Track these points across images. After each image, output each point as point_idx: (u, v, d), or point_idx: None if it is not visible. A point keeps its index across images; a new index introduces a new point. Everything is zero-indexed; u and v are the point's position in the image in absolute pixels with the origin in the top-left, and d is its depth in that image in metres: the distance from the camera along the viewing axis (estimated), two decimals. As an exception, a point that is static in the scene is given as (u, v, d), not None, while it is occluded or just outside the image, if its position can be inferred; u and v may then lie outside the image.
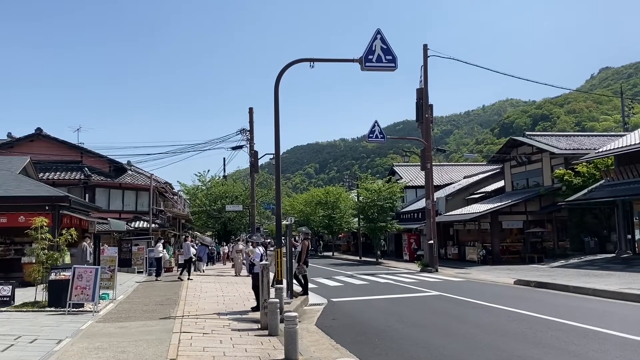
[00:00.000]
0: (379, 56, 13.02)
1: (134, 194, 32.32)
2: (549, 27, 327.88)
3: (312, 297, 14.50)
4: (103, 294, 13.16)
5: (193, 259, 21.70)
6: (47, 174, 28.36)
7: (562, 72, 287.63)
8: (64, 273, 11.87)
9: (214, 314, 11.15)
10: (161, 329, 9.17)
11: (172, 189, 42.30)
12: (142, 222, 30.67)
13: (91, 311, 11.09)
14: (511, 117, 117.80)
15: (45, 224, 12.75)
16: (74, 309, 11.23)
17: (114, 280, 14.20)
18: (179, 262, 23.83)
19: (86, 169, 29.82)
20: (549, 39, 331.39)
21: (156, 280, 20.15)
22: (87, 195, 28.60)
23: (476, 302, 12.86)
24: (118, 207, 31.21)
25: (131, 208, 32.00)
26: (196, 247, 25.84)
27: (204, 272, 24.87)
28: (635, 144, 22.88)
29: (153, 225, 29.99)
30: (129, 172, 32.76)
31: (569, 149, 29.19)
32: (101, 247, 17.80)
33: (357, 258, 38.09)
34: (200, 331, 8.97)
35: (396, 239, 39.98)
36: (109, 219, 26.03)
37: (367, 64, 12.96)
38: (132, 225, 29.81)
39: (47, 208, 16.27)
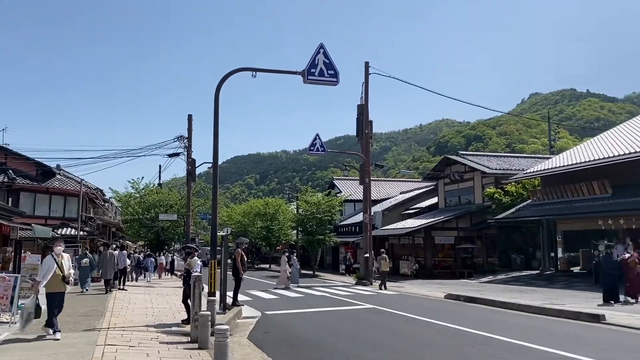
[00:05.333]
0: (321, 70, 13.12)
1: (62, 200, 30.96)
2: (485, 52, 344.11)
3: (246, 310, 14.29)
4: (22, 304, 12.38)
5: (128, 269, 21.38)
6: (-34, 175, 26.63)
7: (495, 96, 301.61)
8: (-21, 281, 11.10)
9: (142, 326, 10.75)
10: (84, 341, 8.73)
11: (104, 195, 40.71)
12: (69, 229, 29.29)
13: (8, 322, 10.41)
14: (446, 136, 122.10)
15: (-40, 228, 11.91)
16: (-11, 320, 10.50)
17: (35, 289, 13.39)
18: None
19: (10, 171, 28.31)
20: (484, 64, 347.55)
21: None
22: (10, 199, 27.10)
23: (408, 315, 13.09)
24: (44, 213, 29.80)
25: (59, 214, 30.65)
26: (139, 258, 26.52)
27: (150, 281, 25.92)
28: (559, 167, 24.20)
29: (81, 232, 28.70)
30: (58, 176, 31.41)
31: (500, 169, 30.47)
32: (22, 255, 16.80)
33: (294, 270, 37.88)
34: (127, 344, 8.60)
35: (333, 252, 40.20)
36: (33, 224, 24.65)
37: (309, 77, 13.02)
38: (58, 232, 28.36)
39: (-37, 211, 15.22)
